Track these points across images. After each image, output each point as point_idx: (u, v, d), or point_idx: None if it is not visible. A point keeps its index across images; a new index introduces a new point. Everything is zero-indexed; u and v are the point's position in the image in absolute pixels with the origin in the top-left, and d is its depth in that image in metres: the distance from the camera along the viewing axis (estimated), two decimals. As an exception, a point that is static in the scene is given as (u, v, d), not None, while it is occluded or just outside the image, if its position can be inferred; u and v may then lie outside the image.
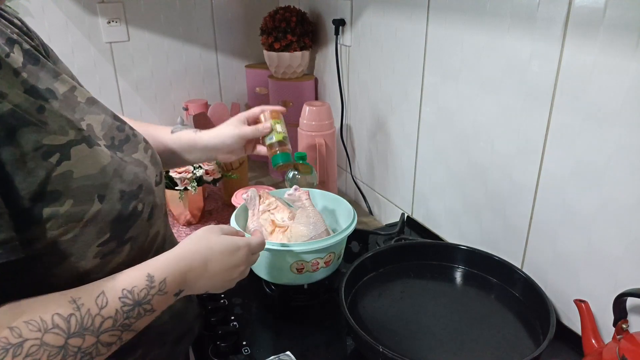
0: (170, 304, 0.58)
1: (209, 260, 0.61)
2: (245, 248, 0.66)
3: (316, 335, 0.86)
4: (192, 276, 0.59)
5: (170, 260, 0.58)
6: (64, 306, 0.48)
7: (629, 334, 0.65)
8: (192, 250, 0.60)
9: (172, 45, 1.59)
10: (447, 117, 1.02)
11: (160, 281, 0.55)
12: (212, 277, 0.62)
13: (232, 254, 0.64)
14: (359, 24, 1.27)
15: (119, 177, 0.55)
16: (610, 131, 0.70)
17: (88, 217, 0.51)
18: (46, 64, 0.56)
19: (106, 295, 0.50)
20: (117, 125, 0.62)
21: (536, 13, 0.77)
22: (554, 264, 0.84)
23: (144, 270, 0.55)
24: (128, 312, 0.52)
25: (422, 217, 1.18)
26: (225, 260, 0.63)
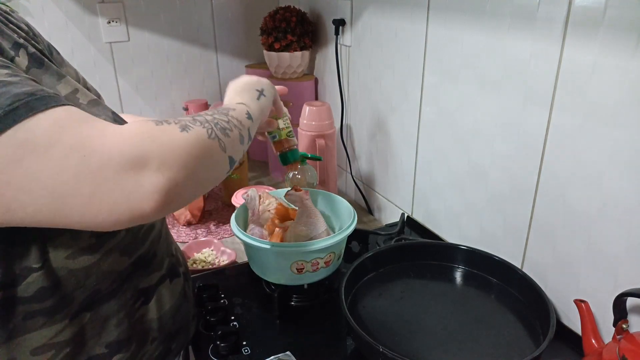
0: (244, 108, 0.67)
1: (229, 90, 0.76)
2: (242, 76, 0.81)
3: (316, 335, 0.86)
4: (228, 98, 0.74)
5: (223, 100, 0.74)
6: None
7: (629, 334, 0.65)
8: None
9: (172, 45, 1.59)
10: (447, 117, 1.02)
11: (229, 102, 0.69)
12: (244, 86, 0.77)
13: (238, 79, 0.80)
14: (359, 24, 1.27)
15: None
16: (610, 131, 0.70)
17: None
18: (50, 67, 0.57)
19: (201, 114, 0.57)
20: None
21: (536, 13, 0.77)
22: (554, 264, 0.84)
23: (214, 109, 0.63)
24: (213, 112, 0.59)
25: (422, 217, 1.18)
26: (238, 81, 0.80)
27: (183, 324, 0.75)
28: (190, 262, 1.08)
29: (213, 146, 0.53)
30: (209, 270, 1.05)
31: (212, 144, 0.52)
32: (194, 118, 0.54)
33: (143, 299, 0.66)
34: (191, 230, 1.25)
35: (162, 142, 0.47)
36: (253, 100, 0.72)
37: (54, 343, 0.58)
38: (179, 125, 0.50)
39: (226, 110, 0.62)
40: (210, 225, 1.27)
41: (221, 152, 0.54)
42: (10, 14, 0.62)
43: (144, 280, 0.66)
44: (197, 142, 0.50)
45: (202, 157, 0.51)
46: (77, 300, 0.58)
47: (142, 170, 0.45)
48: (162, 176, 0.46)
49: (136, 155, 0.45)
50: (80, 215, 0.45)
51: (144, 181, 0.45)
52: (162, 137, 0.48)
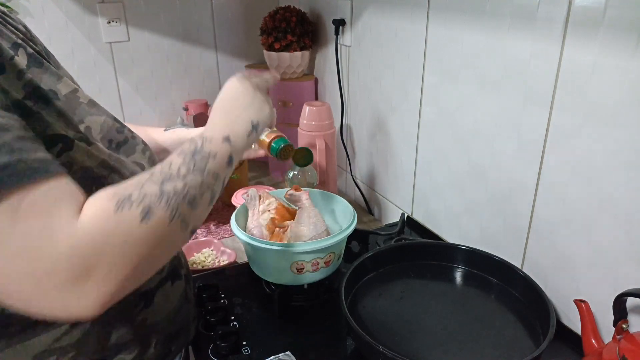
0: (229, 150, 0.61)
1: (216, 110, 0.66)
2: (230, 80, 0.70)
3: (316, 335, 0.86)
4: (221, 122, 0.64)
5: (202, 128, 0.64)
6: (141, 175, 0.52)
7: (629, 334, 0.65)
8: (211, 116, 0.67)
9: (172, 45, 1.59)
10: (447, 117, 1.02)
11: (199, 136, 0.60)
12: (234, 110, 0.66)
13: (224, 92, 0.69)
14: (359, 24, 1.27)
15: (117, 173, 0.57)
16: (610, 131, 0.70)
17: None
18: (49, 67, 0.57)
19: (167, 159, 0.55)
20: (116, 127, 0.63)
21: (536, 13, 0.77)
22: (554, 264, 0.84)
23: (185, 142, 0.60)
24: (192, 158, 0.56)
25: (422, 217, 1.18)
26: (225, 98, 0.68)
27: (183, 326, 0.75)
28: (190, 262, 1.08)
29: (173, 230, 0.51)
30: (209, 270, 1.05)
31: (172, 229, 0.51)
32: (161, 191, 0.51)
33: (144, 303, 0.66)
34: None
35: (114, 244, 0.46)
36: (242, 136, 0.65)
37: (56, 348, 0.58)
38: (141, 210, 0.48)
39: (205, 158, 0.58)
40: (210, 225, 1.27)
41: (181, 232, 0.52)
42: (8, 15, 0.62)
43: (145, 284, 0.65)
44: (155, 234, 0.49)
45: (159, 248, 0.50)
46: None
47: (86, 281, 0.44)
48: (106, 286, 0.45)
49: (83, 266, 0.43)
50: (22, 307, 0.45)
51: (86, 294, 0.44)
52: (116, 235, 0.46)
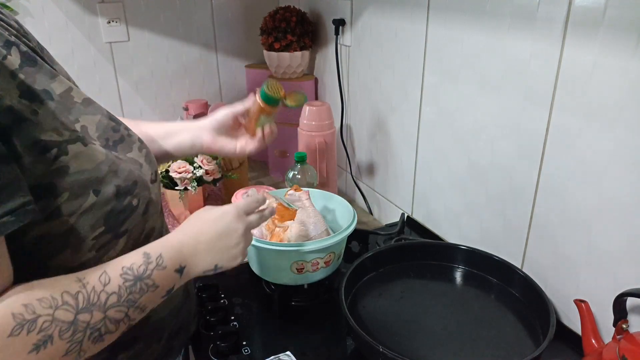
0: (177, 282, 0.60)
1: (200, 232, 0.63)
2: (231, 211, 0.66)
3: (316, 335, 0.86)
4: (187, 250, 0.61)
5: (163, 239, 0.61)
6: (71, 285, 0.50)
7: (629, 334, 0.65)
8: (182, 228, 0.63)
9: (172, 45, 1.59)
10: (447, 117, 1.02)
11: (156, 256, 0.57)
12: (210, 248, 0.63)
13: (220, 219, 0.65)
14: (359, 24, 1.27)
15: (113, 173, 0.57)
16: (610, 131, 0.70)
17: (83, 210, 0.53)
18: (43, 65, 0.56)
19: (108, 274, 0.53)
20: (112, 126, 0.63)
21: (536, 13, 0.77)
22: (554, 264, 0.84)
23: (140, 251, 0.57)
24: (130, 287, 0.54)
25: (422, 217, 1.18)
26: (215, 227, 0.64)
27: (185, 322, 0.75)
28: None
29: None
30: (209, 270, 1.05)
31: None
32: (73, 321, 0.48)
33: None
34: (191, 230, 1.24)
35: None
36: (196, 273, 0.63)
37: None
38: (37, 340, 0.46)
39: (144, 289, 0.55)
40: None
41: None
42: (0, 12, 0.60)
43: None
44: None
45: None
46: None
47: None
48: None
49: None
50: None
51: None
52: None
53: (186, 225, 0.64)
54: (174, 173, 1.17)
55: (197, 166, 1.19)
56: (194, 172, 1.18)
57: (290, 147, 1.51)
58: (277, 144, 1.53)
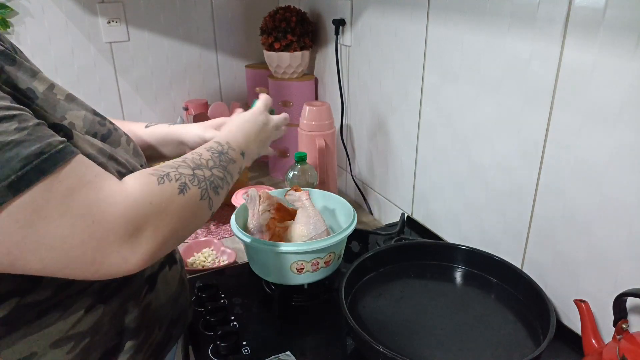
0: (242, 163, 0.74)
1: (246, 129, 0.78)
2: (259, 110, 0.84)
3: (316, 335, 0.86)
4: (243, 140, 0.75)
5: (224, 134, 0.75)
6: (174, 160, 0.61)
7: (629, 334, 0.65)
8: (232, 128, 0.78)
9: (172, 45, 1.59)
10: (447, 117, 1.02)
11: (225, 142, 0.71)
12: (256, 139, 0.80)
13: (254, 118, 0.82)
14: (359, 24, 1.27)
15: (114, 160, 0.60)
16: (610, 131, 0.70)
17: None
18: (22, 63, 0.57)
19: (197, 151, 0.66)
20: (98, 120, 0.64)
21: (536, 13, 0.77)
22: (554, 264, 0.84)
23: (209, 142, 0.71)
24: (219, 156, 0.67)
25: (422, 217, 1.18)
26: (254, 125, 0.81)
27: (182, 311, 0.77)
28: (190, 263, 1.08)
29: (202, 207, 0.60)
30: (209, 270, 1.05)
31: (202, 205, 0.60)
32: (194, 174, 0.60)
33: (148, 287, 0.67)
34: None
35: (159, 209, 0.53)
36: (250, 158, 0.78)
37: (72, 335, 0.59)
38: (179, 185, 0.57)
39: (227, 161, 0.68)
40: (210, 225, 1.27)
41: (208, 210, 0.61)
42: None
43: (148, 268, 0.67)
44: (190, 206, 0.57)
45: (191, 218, 0.58)
46: (90, 294, 0.59)
47: (138, 236, 0.51)
48: (154, 241, 0.52)
49: (136, 223, 0.50)
50: (80, 272, 0.50)
51: (138, 246, 0.51)
52: (160, 201, 0.54)
53: (234, 126, 0.78)
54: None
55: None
56: (194, 172, 1.18)
57: (290, 147, 1.51)
58: (277, 144, 1.53)
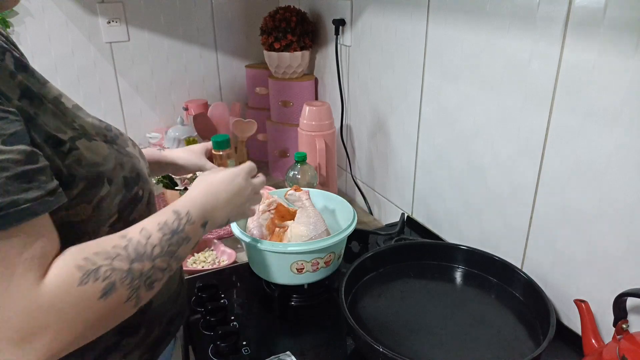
0: (201, 235, 0.65)
1: (217, 191, 0.68)
2: (241, 173, 0.74)
3: (316, 335, 0.86)
4: (209, 207, 0.66)
5: (187, 199, 0.65)
6: (118, 241, 0.54)
7: (629, 334, 0.65)
8: (200, 190, 0.68)
9: (172, 45, 1.59)
10: (447, 117, 1.02)
11: (185, 213, 0.62)
12: (226, 205, 0.69)
13: (232, 180, 0.71)
14: (359, 24, 1.27)
15: (120, 165, 0.60)
16: (610, 131, 0.70)
17: (99, 198, 0.57)
18: (34, 71, 0.58)
19: (147, 229, 0.57)
20: (104, 126, 0.65)
21: (536, 13, 0.77)
22: (554, 264, 0.84)
23: (169, 209, 0.61)
24: (169, 240, 0.58)
25: (422, 217, 1.18)
26: (229, 188, 0.70)
27: (181, 308, 0.77)
28: (190, 262, 1.08)
29: (125, 308, 0.53)
30: (209, 271, 1.05)
31: (125, 307, 0.53)
32: (129, 269, 0.52)
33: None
34: (191, 230, 1.24)
35: (67, 316, 0.47)
36: (214, 226, 0.68)
37: None
38: (104, 286, 0.50)
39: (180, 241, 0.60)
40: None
41: (132, 309, 0.55)
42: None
43: None
44: (108, 311, 0.51)
45: (105, 322, 0.52)
46: None
47: (32, 342, 0.46)
48: (49, 349, 0.47)
49: (32, 329, 0.45)
50: None
51: (30, 353, 0.46)
52: (72, 306, 0.48)
53: (204, 187, 0.68)
54: (174, 173, 1.17)
55: (197, 166, 1.19)
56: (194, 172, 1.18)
57: (290, 147, 1.51)
58: (277, 144, 1.53)
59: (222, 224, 0.70)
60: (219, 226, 0.70)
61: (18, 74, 0.53)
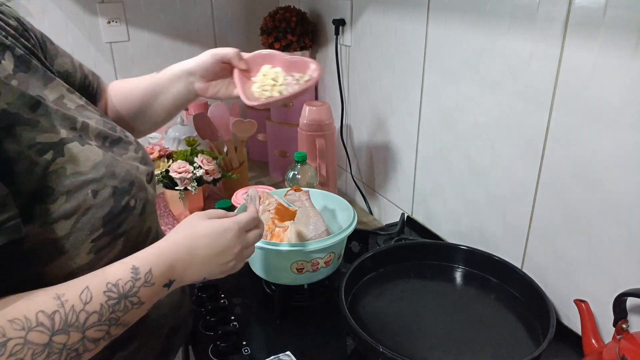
0: (162, 295, 0.57)
1: (196, 247, 0.59)
2: (233, 228, 0.62)
3: (316, 335, 0.86)
4: (180, 265, 0.57)
5: (154, 251, 0.56)
6: (48, 303, 0.47)
7: (629, 334, 0.65)
8: (176, 240, 0.58)
9: (172, 45, 1.59)
10: (447, 117, 1.02)
11: (145, 272, 0.53)
12: (204, 264, 0.59)
13: (219, 236, 0.61)
14: (359, 24, 1.27)
15: (111, 174, 0.56)
16: (610, 131, 0.70)
17: (81, 212, 0.52)
18: (38, 69, 0.55)
19: (90, 291, 0.49)
20: (109, 127, 0.63)
21: (536, 13, 0.77)
22: (554, 264, 0.84)
23: (128, 263, 0.53)
24: (114, 305, 0.50)
25: (422, 217, 1.18)
26: (213, 245, 0.60)
27: (183, 319, 0.76)
28: None
29: None
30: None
31: None
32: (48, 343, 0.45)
33: None
34: (191, 230, 1.24)
35: None
36: (184, 283, 0.59)
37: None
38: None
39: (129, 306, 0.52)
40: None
41: None
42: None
43: None
44: None
45: None
46: None
47: None
48: None
49: None
50: None
51: None
52: None
53: (182, 237, 0.59)
54: (174, 173, 1.17)
55: (197, 166, 1.19)
56: (194, 172, 1.18)
57: (290, 147, 1.51)
58: (277, 144, 1.53)
59: (196, 281, 0.60)
60: (191, 282, 0.60)
61: (14, 78, 0.51)
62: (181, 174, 1.17)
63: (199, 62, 0.83)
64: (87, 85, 0.74)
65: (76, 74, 0.72)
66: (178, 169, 1.17)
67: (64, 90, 0.59)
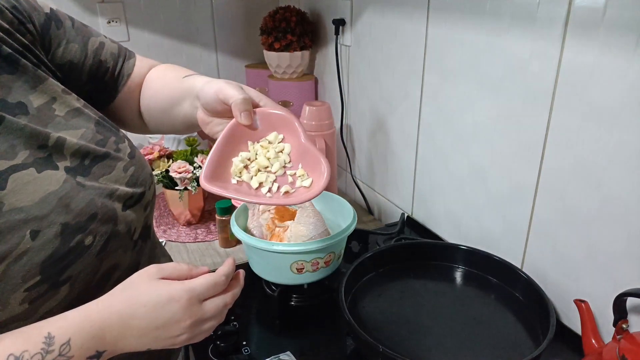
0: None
1: (131, 316, 0.49)
2: (181, 298, 0.50)
3: (316, 335, 0.86)
4: (111, 335, 0.48)
5: (79, 316, 0.47)
6: None
7: (629, 334, 0.65)
8: (111, 304, 0.49)
9: (172, 45, 1.59)
10: (447, 117, 1.02)
11: (62, 343, 0.44)
12: (141, 336, 0.49)
13: (160, 307, 0.49)
14: (359, 24, 1.27)
15: (63, 208, 0.49)
16: (610, 131, 0.70)
17: (13, 258, 0.45)
18: (27, 69, 0.51)
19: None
20: (99, 139, 0.56)
21: (536, 13, 0.77)
22: (554, 264, 0.84)
23: (43, 329, 0.45)
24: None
25: (422, 217, 1.18)
26: (152, 316, 0.49)
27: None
28: None
29: None
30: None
31: None
32: None
33: None
34: (191, 230, 1.25)
35: None
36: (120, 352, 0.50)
37: None
38: None
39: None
40: (210, 225, 1.27)
41: None
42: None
43: None
44: None
45: None
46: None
47: None
48: None
49: None
50: None
51: None
52: None
53: (118, 302, 0.49)
54: (174, 173, 1.17)
55: (197, 166, 1.19)
56: (194, 172, 1.18)
57: (290, 147, 1.51)
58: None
59: (138, 350, 0.51)
60: (132, 350, 0.51)
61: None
62: (181, 174, 1.17)
63: (204, 90, 0.66)
64: (101, 72, 0.66)
65: (84, 62, 0.63)
66: (178, 169, 1.17)
67: (57, 91, 0.54)
